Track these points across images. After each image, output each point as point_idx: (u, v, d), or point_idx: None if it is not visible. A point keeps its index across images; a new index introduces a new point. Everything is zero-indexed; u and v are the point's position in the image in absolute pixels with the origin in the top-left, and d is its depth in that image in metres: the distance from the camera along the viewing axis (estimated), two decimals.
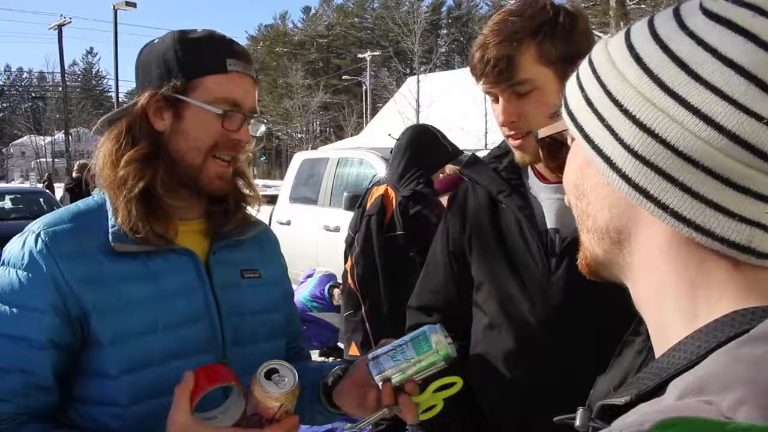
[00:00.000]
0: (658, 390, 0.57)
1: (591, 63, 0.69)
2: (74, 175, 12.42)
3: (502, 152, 1.61)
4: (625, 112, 0.62)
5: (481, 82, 1.42)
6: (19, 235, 1.29)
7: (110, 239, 1.28)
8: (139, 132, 1.33)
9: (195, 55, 1.33)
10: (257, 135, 1.44)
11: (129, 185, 1.29)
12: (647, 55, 0.62)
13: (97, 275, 1.26)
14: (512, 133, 1.44)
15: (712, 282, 0.60)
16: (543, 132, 1.10)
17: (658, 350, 0.64)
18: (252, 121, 1.40)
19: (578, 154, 0.70)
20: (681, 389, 0.52)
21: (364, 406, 1.32)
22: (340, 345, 4.08)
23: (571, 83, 0.72)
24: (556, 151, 1.13)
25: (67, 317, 1.24)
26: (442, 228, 1.72)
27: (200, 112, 1.32)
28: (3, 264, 1.27)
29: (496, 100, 1.44)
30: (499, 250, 1.52)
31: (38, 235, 1.26)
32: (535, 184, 1.53)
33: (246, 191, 1.49)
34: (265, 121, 1.50)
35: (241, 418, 1.23)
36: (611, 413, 0.61)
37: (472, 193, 1.64)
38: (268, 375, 1.19)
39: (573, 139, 0.72)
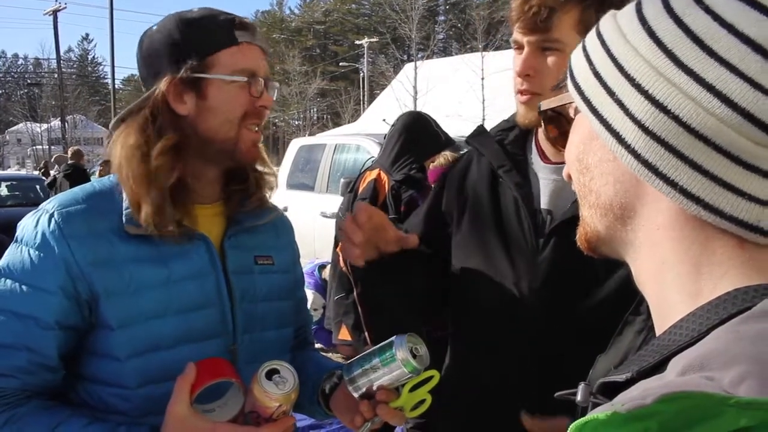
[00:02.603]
0: (659, 367, 0.57)
1: (600, 35, 0.68)
2: (69, 161, 12.42)
3: (510, 125, 1.59)
4: (637, 87, 0.61)
5: (516, 28, 1.41)
6: (33, 212, 1.30)
7: (123, 221, 1.28)
8: (164, 121, 1.31)
9: (203, 33, 1.33)
10: (275, 96, 1.45)
11: (163, 177, 1.28)
12: (661, 29, 0.61)
13: (109, 257, 1.26)
14: (524, 87, 1.44)
15: (716, 261, 0.60)
16: (546, 104, 1.09)
17: (660, 328, 0.64)
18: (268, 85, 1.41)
19: (583, 127, 0.69)
20: (683, 366, 0.52)
21: (353, 422, 1.33)
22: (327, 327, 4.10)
23: (577, 55, 0.71)
24: (557, 123, 1.12)
25: (76, 299, 1.24)
26: (437, 188, 1.71)
27: (225, 86, 1.32)
28: (17, 241, 1.28)
29: (520, 51, 1.43)
30: (494, 224, 1.52)
31: (52, 215, 1.26)
32: (536, 162, 1.52)
33: (262, 168, 1.49)
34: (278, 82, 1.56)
35: (239, 413, 1.24)
36: (612, 390, 0.61)
37: (476, 164, 1.63)
38: (269, 375, 1.20)
39: (577, 112, 0.71)
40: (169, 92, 1.31)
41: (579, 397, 0.66)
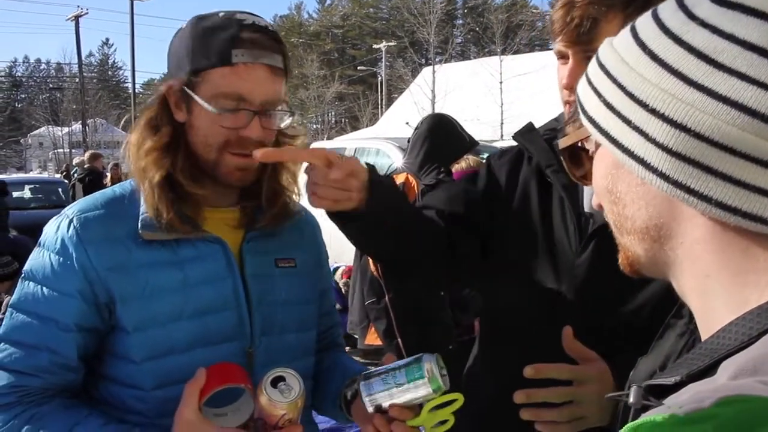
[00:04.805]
0: (708, 371, 0.57)
1: (602, 66, 0.69)
2: (86, 165, 12.51)
3: (559, 125, 1.57)
4: (653, 111, 0.61)
5: (558, 40, 1.39)
6: (56, 217, 1.33)
7: (139, 227, 1.29)
8: (160, 121, 1.33)
9: (203, 47, 1.27)
10: (280, 127, 1.38)
11: (150, 175, 1.29)
12: (663, 51, 0.62)
13: (125, 262, 1.27)
14: (572, 98, 1.43)
15: (760, 268, 0.59)
16: (563, 143, 1.09)
17: (705, 336, 0.63)
18: (278, 112, 1.35)
19: (605, 158, 0.70)
20: (734, 369, 0.51)
21: None
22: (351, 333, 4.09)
23: (583, 88, 0.72)
24: (578, 158, 1.12)
25: (95, 302, 1.26)
26: (485, 169, 1.68)
27: (204, 110, 1.28)
28: (40, 245, 1.32)
29: (565, 61, 1.41)
30: (540, 223, 1.52)
31: (71, 220, 1.28)
32: None
33: (286, 184, 1.45)
34: (293, 112, 1.39)
35: (249, 418, 1.24)
36: (658, 392, 0.61)
37: (527, 161, 1.61)
38: (275, 382, 1.20)
39: (597, 146, 0.71)
40: (170, 96, 1.32)
41: (632, 399, 0.66)
